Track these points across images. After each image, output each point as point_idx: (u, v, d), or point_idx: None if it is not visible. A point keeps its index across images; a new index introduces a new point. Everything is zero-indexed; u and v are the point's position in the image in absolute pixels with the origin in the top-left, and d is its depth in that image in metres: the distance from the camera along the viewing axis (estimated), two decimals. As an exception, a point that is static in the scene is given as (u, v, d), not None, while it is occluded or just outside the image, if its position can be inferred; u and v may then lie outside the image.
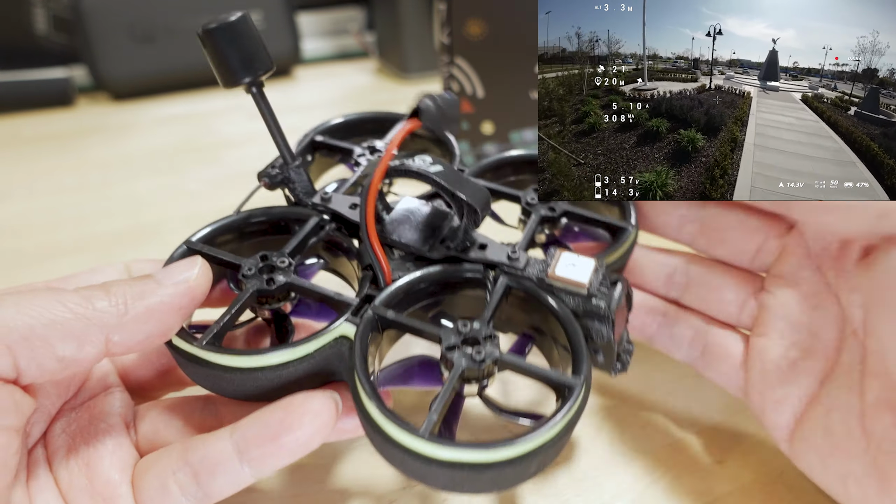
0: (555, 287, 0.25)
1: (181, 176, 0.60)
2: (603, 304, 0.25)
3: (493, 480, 0.21)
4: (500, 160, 0.34)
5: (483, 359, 0.23)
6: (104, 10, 0.74)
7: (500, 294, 0.26)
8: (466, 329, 0.24)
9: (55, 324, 0.20)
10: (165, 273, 0.24)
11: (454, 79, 0.53)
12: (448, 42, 0.53)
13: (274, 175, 0.29)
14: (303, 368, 0.24)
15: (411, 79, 0.82)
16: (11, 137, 0.68)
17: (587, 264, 0.25)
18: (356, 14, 0.96)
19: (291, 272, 0.26)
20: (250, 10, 0.79)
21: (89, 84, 0.78)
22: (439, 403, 0.22)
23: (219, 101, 0.76)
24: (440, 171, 0.25)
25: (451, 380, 0.23)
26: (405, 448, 0.21)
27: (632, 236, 0.30)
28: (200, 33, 0.26)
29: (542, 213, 0.31)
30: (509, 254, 0.27)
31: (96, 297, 0.22)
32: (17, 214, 0.54)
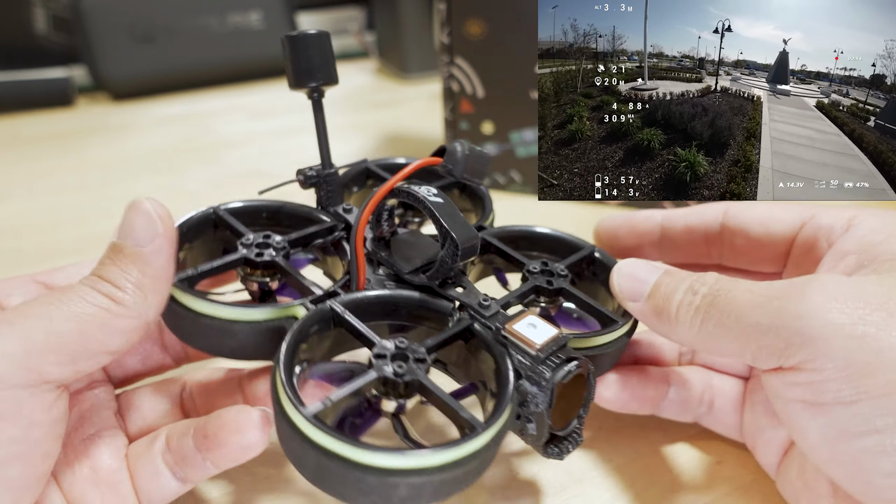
0: (508, 340, 0.26)
1: (181, 176, 0.60)
2: (547, 372, 0.24)
3: (356, 484, 0.21)
4: (527, 233, 0.34)
5: (403, 374, 0.23)
6: (104, 9, 0.74)
7: (455, 330, 0.26)
8: (403, 345, 0.24)
9: (102, 326, 0.22)
10: (132, 235, 0.24)
11: (454, 79, 0.53)
12: (448, 42, 0.53)
13: (310, 175, 0.31)
14: (251, 331, 0.26)
15: (411, 79, 0.82)
16: (11, 137, 0.68)
17: (548, 331, 0.26)
18: (356, 14, 0.96)
19: (281, 254, 0.29)
20: (250, 9, 0.80)
21: (89, 84, 0.78)
22: (339, 392, 0.22)
23: (219, 101, 0.76)
24: (438, 203, 0.27)
25: (364, 380, 0.23)
26: (289, 420, 0.22)
27: (619, 332, 0.28)
28: (283, 38, 0.29)
29: (538, 282, 0.30)
30: (481, 301, 0.27)
31: (116, 293, 0.23)
32: (17, 214, 0.54)
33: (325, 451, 0.21)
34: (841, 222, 0.27)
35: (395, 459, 0.21)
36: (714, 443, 0.32)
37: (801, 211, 0.29)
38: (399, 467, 0.21)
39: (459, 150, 0.28)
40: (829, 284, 0.22)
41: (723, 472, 0.30)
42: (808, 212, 0.28)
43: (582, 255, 0.32)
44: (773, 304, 0.22)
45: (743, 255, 0.31)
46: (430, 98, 0.77)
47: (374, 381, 0.23)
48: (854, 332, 0.21)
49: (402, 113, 0.75)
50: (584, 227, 0.52)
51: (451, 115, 0.55)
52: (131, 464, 0.26)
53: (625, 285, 0.27)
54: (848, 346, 0.21)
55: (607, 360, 0.29)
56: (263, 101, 0.77)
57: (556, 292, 0.30)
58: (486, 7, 0.51)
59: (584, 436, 0.32)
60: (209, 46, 0.77)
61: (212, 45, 0.77)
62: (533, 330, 0.26)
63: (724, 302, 0.24)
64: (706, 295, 0.24)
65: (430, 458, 0.21)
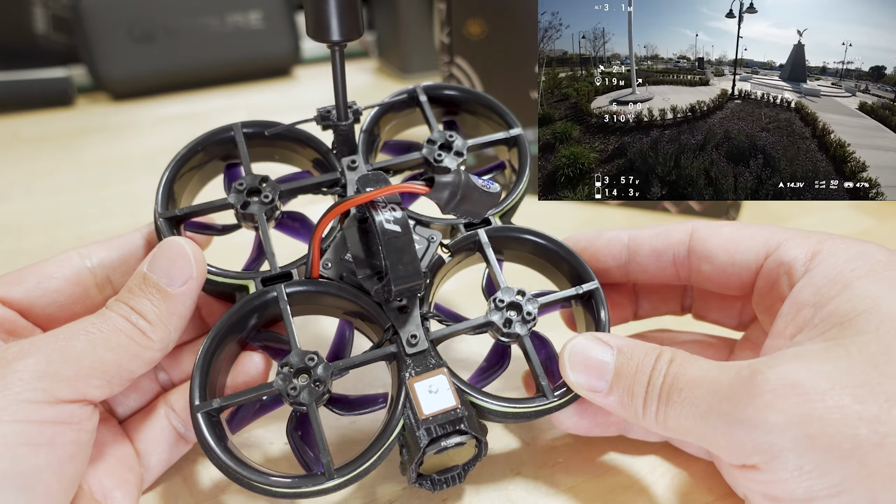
0: (407, 393, 0.27)
1: (181, 176, 0.60)
2: (422, 440, 0.25)
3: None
4: (537, 244, 0.32)
5: (294, 396, 0.26)
6: (104, 9, 0.74)
7: (371, 357, 0.28)
8: (311, 363, 0.26)
9: (133, 357, 0.25)
10: (167, 273, 0.26)
11: (454, 79, 0.53)
12: (448, 42, 0.53)
13: (326, 117, 0.32)
14: (211, 289, 0.29)
15: (411, 79, 0.82)
16: (11, 137, 0.68)
17: (446, 401, 0.26)
18: (356, 14, 0.96)
19: (266, 208, 0.30)
20: (250, 9, 0.80)
21: (89, 84, 0.78)
22: (230, 398, 0.26)
23: (219, 101, 0.76)
24: (393, 233, 0.26)
25: (257, 391, 0.26)
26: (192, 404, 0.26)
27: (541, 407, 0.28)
28: None
29: (496, 321, 0.29)
30: (410, 337, 0.28)
31: (146, 328, 0.25)
32: (16, 214, 0.54)
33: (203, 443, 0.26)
34: (803, 259, 0.26)
35: (243, 471, 0.25)
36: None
37: (766, 238, 0.28)
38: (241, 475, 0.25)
39: (450, 185, 0.26)
40: (772, 381, 0.22)
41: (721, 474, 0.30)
42: (775, 239, 0.28)
43: (572, 293, 0.30)
44: (722, 407, 0.23)
45: (709, 282, 0.30)
46: (430, 98, 0.77)
47: (270, 390, 0.26)
48: (802, 434, 0.21)
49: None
50: (585, 226, 0.52)
51: (451, 115, 0.55)
52: (131, 433, 0.29)
53: (582, 379, 0.27)
54: (798, 450, 0.21)
55: (528, 420, 0.29)
56: (263, 101, 0.77)
57: (509, 336, 0.29)
58: (486, 7, 0.51)
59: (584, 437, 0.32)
60: (209, 46, 0.77)
61: (212, 45, 0.77)
62: (432, 395, 0.26)
63: (679, 403, 0.24)
64: (661, 392, 0.25)
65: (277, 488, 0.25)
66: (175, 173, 0.32)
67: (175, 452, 0.29)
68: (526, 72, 0.51)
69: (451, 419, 0.26)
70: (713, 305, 0.33)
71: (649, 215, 0.52)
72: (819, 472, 0.21)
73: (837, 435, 0.21)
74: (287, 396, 0.26)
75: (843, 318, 0.23)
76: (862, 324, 0.23)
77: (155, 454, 0.28)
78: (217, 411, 0.26)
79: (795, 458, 0.21)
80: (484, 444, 0.27)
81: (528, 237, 0.32)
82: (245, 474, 0.25)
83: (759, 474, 0.22)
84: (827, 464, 0.21)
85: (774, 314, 0.27)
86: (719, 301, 0.33)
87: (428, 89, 0.36)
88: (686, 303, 0.34)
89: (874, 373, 0.22)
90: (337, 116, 0.31)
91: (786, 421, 0.21)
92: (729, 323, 0.33)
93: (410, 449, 0.26)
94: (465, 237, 0.31)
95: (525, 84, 0.52)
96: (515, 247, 0.32)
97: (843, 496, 0.21)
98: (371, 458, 0.26)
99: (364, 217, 0.29)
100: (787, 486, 0.22)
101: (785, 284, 0.27)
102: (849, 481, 0.21)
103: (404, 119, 0.36)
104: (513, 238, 0.32)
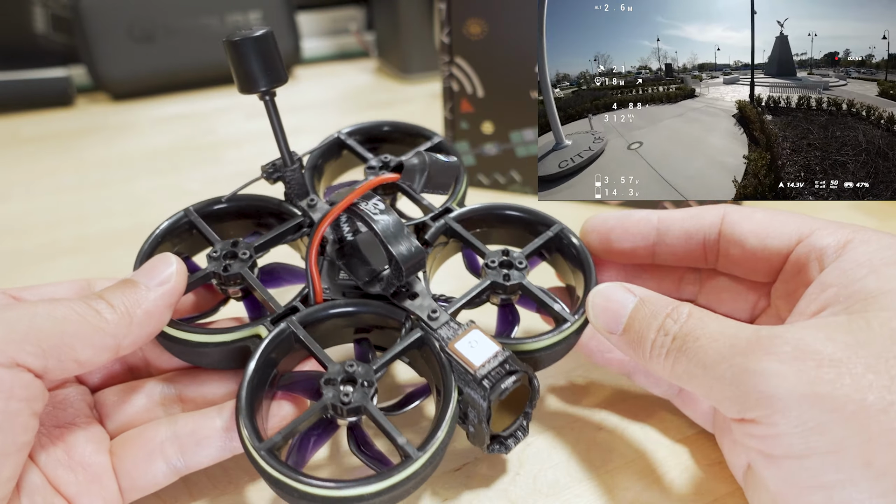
0: (451, 358, 0.27)
1: (181, 175, 0.60)
2: (485, 390, 0.26)
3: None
4: (493, 213, 0.34)
5: (348, 402, 0.25)
6: (103, 9, 0.74)
7: (403, 346, 0.28)
8: (352, 370, 0.26)
9: (78, 333, 0.24)
10: (147, 275, 0.27)
11: (454, 79, 0.53)
12: (448, 42, 0.53)
13: (272, 172, 0.32)
14: (224, 351, 0.28)
15: (411, 79, 0.82)
16: (11, 137, 0.68)
17: (488, 348, 0.27)
18: (356, 14, 0.96)
19: (247, 265, 0.30)
20: (250, 10, 0.80)
21: (89, 84, 0.78)
22: (289, 426, 0.25)
23: (218, 101, 0.76)
24: (384, 221, 0.28)
25: (312, 410, 0.25)
26: (248, 451, 0.25)
27: (567, 332, 0.29)
28: (225, 42, 0.28)
29: (496, 279, 0.31)
30: (430, 312, 0.29)
31: (104, 310, 0.25)
32: (17, 214, 0.54)
33: (275, 480, 0.24)
34: (834, 247, 0.27)
35: (332, 490, 0.23)
36: (714, 443, 0.32)
37: (799, 225, 0.29)
38: (340, 496, 0.23)
39: (417, 165, 0.28)
40: (790, 343, 0.23)
41: (723, 472, 0.30)
42: (807, 227, 0.28)
43: (547, 237, 0.32)
44: (736, 359, 0.23)
45: (737, 265, 0.31)
46: (430, 98, 0.77)
47: (325, 406, 0.25)
48: (809, 392, 0.22)
49: (401, 113, 0.75)
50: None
51: (451, 114, 0.55)
52: (118, 448, 0.27)
53: (600, 318, 0.28)
54: (802, 406, 0.22)
55: (558, 353, 0.30)
56: (263, 100, 0.77)
57: (512, 288, 0.31)
58: (486, 7, 0.51)
59: (584, 437, 0.32)
60: (209, 46, 0.77)
61: (212, 45, 0.77)
62: (472, 348, 0.27)
63: (692, 350, 0.25)
64: (676, 337, 0.25)
65: (368, 487, 0.23)
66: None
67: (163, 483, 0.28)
68: (526, 72, 0.51)
69: (500, 362, 0.27)
70: (726, 297, 0.33)
71: (649, 215, 0.52)
72: (820, 430, 0.21)
73: (844, 398, 0.21)
74: (341, 406, 0.25)
75: (868, 295, 0.24)
76: (886, 301, 0.23)
77: (137, 489, 0.27)
78: (278, 446, 0.25)
79: (798, 414, 0.22)
80: (535, 378, 0.27)
81: (491, 210, 0.34)
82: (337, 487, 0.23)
83: (759, 428, 0.23)
84: (829, 422, 0.21)
85: (795, 300, 0.27)
86: (733, 294, 0.33)
87: (350, 133, 0.38)
88: (685, 292, 0.34)
89: (894, 347, 0.22)
90: (283, 163, 0.32)
91: (795, 379, 0.22)
92: (741, 316, 0.33)
93: (476, 407, 0.26)
94: (436, 228, 0.32)
95: (525, 84, 0.52)
96: (482, 224, 0.34)
97: (839, 455, 0.21)
98: (443, 428, 0.25)
99: (341, 237, 0.31)
100: (786, 440, 0.22)
101: (814, 269, 0.27)
102: (847, 441, 0.21)
103: (339, 164, 0.38)
104: (477, 215, 0.34)
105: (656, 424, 0.33)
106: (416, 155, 0.28)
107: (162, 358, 0.31)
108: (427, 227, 0.33)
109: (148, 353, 0.32)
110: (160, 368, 0.32)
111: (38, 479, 0.25)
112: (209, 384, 0.30)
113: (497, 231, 0.35)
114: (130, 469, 0.27)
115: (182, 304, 0.32)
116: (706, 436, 0.32)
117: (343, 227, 0.31)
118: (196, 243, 0.33)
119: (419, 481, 0.25)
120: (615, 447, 0.32)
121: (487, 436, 0.27)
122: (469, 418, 0.27)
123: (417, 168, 0.28)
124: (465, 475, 0.30)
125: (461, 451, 0.31)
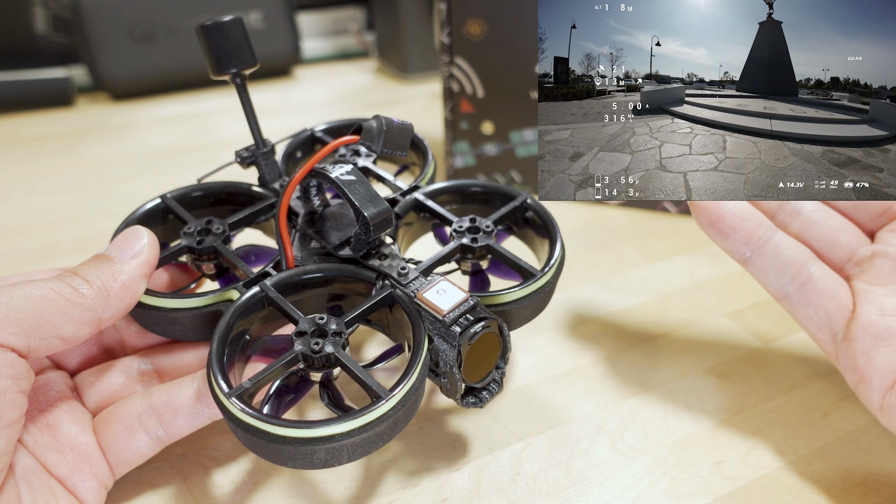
0: (420, 307, 0.27)
1: (181, 175, 0.60)
2: (454, 335, 0.26)
3: (279, 452, 0.24)
4: (460, 188, 0.35)
5: (319, 350, 0.26)
6: (104, 9, 0.74)
7: (374, 300, 0.28)
8: (322, 322, 0.26)
9: (58, 310, 0.24)
10: (120, 248, 0.27)
11: (454, 79, 0.53)
12: (448, 42, 0.53)
13: (245, 156, 0.33)
14: (197, 316, 0.29)
15: (411, 79, 0.82)
16: (11, 137, 0.68)
17: (456, 296, 0.27)
18: (356, 14, 0.96)
19: (220, 239, 0.31)
20: (250, 10, 0.80)
21: (89, 84, 0.78)
22: (258, 374, 0.25)
23: (218, 101, 0.76)
24: (350, 181, 0.29)
25: (281, 359, 0.25)
26: (219, 401, 0.25)
27: (534, 286, 0.29)
28: (196, 28, 0.30)
29: (463, 241, 0.31)
30: (399, 269, 0.29)
31: (81, 286, 0.25)
32: (17, 214, 0.54)
33: (248, 427, 0.24)
34: None
35: (306, 431, 0.23)
36: (714, 442, 0.32)
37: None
38: (311, 436, 0.23)
39: (375, 126, 0.29)
40: None
41: (723, 472, 0.30)
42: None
43: (513, 206, 0.33)
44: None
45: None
46: (430, 98, 0.77)
47: (296, 356, 0.26)
48: None
49: (401, 113, 0.75)
50: (585, 227, 0.52)
51: (451, 115, 0.55)
52: (100, 426, 0.28)
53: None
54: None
55: (527, 310, 0.30)
56: (263, 100, 0.77)
57: (481, 250, 0.31)
58: (486, 7, 0.51)
59: (585, 437, 0.32)
60: (209, 46, 0.77)
61: (212, 45, 0.77)
62: (441, 296, 0.27)
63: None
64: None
65: (338, 426, 0.23)
66: None
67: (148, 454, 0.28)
68: (526, 72, 0.51)
69: (469, 307, 0.27)
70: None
71: (650, 215, 0.52)
72: None
73: None
74: (312, 354, 0.26)
75: None
76: None
77: (124, 463, 0.28)
78: (249, 394, 0.25)
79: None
80: (505, 328, 0.28)
81: (458, 187, 0.35)
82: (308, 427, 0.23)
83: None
84: None
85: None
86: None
87: (325, 131, 0.39)
88: None
89: None
90: (255, 146, 0.33)
91: None
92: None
93: (447, 355, 0.26)
94: (405, 202, 0.33)
95: (525, 84, 0.52)
96: (451, 202, 0.35)
97: None
98: (414, 372, 0.25)
99: (312, 210, 0.32)
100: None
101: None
102: None
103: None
104: (445, 191, 0.35)
105: (656, 424, 0.33)
106: (374, 118, 0.29)
107: (138, 336, 0.32)
108: (396, 202, 0.34)
109: (123, 332, 0.32)
110: (136, 347, 0.32)
111: (31, 463, 0.25)
112: (185, 355, 0.31)
113: (466, 208, 0.36)
114: (113, 445, 0.27)
115: (157, 283, 0.32)
116: (706, 435, 0.32)
117: (314, 200, 0.32)
118: (172, 229, 0.33)
119: (390, 425, 0.25)
120: (614, 447, 0.32)
121: (461, 384, 0.27)
122: (441, 367, 0.27)
123: (375, 129, 0.29)
124: (465, 475, 0.30)
125: (461, 451, 0.31)
